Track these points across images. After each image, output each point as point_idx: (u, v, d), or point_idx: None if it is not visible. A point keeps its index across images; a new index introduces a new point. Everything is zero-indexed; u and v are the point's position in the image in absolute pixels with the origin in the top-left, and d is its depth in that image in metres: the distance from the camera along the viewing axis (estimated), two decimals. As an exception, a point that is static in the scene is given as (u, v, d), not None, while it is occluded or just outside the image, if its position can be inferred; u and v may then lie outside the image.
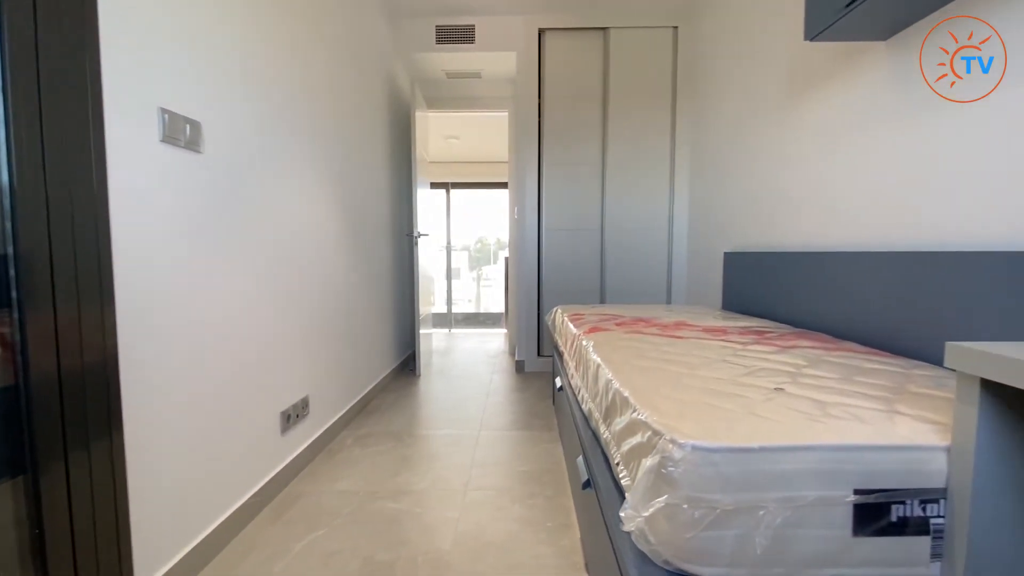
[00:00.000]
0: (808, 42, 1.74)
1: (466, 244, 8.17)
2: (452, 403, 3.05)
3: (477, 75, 4.30)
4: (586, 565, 1.46)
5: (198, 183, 1.45)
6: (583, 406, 1.56)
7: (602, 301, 3.68)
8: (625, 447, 1.01)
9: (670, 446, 0.82)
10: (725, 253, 2.83)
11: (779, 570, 0.79)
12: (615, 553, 1.04)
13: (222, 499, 1.55)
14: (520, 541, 1.58)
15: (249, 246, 1.70)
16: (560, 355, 2.44)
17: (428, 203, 4.37)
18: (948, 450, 0.78)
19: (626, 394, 1.10)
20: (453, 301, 7.18)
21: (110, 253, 1.14)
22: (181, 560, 1.34)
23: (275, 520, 1.69)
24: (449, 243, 7.10)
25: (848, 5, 1.46)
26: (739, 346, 1.59)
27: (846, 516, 0.78)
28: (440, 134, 5.82)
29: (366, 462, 2.15)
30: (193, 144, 1.42)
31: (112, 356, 1.16)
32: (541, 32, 3.66)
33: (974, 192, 1.32)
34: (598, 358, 1.50)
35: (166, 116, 1.30)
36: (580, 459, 1.57)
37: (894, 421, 0.87)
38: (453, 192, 7.17)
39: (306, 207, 2.14)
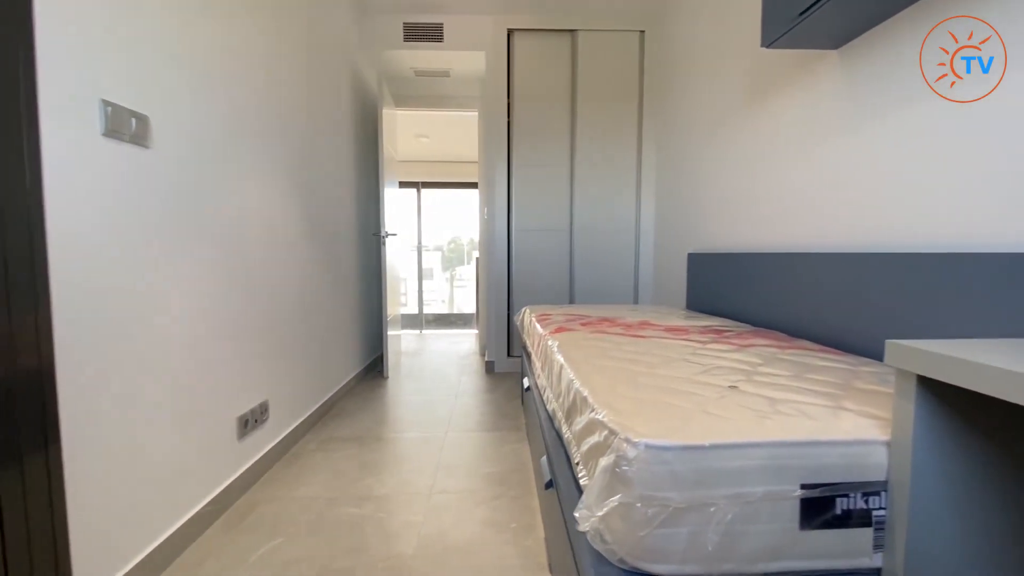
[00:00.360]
0: (766, 49, 1.78)
1: (439, 244, 8.11)
2: (420, 405, 3.02)
3: (446, 74, 4.27)
4: (549, 565, 1.45)
5: (146, 179, 1.39)
6: (548, 406, 1.55)
7: (571, 301, 3.70)
8: (584, 446, 1.01)
9: (624, 445, 0.82)
10: (689, 254, 2.88)
11: (730, 565, 0.80)
12: (573, 553, 1.04)
13: (174, 509, 1.49)
14: (484, 543, 1.57)
15: (203, 245, 1.64)
16: (528, 355, 2.45)
17: (398, 203, 4.32)
18: (888, 444, 0.80)
19: (585, 393, 1.10)
20: (426, 302, 7.12)
21: (45, 254, 1.08)
22: (127, 574, 1.28)
23: (231, 529, 1.64)
24: (420, 243, 7.03)
25: (801, 14, 1.50)
26: (699, 345, 1.62)
27: (793, 510, 0.80)
28: (410, 132, 5.76)
29: (328, 467, 2.11)
30: (140, 139, 1.36)
31: (48, 362, 1.10)
32: (510, 32, 3.66)
33: (918, 195, 1.37)
34: (561, 358, 1.50)
35: (109, 109, 1.24)
36: (544, 459, 1.57)
37: (839, 417, 0.89)
38: (425, 192, 7.10)
39: (266, 205, 2.08)
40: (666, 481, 0.79)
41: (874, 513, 0.81)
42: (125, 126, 1.30)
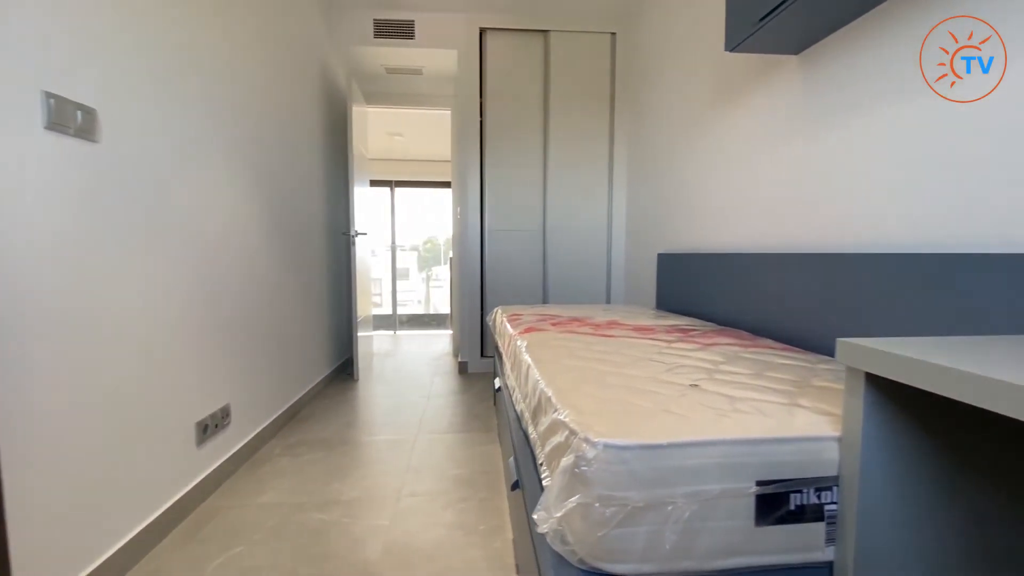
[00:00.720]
0: (731, 53, 1.80)
1: (415, 244, 8.00)
2: (390, 407, 2.98)
3: (418, 72, 4.23)
4: (517, 567, 1.44)
5: (93, 175, 1.33)
6: (516, 407, 1.54)
7: (545, 301, 3.70)
8: (548, 447, 1.01)
9: (584, 445, 0.82)
10: (659, 254, 2.91)
11: (688, 563, 0.80)
12: (536, 554, 1.03)
13: (126, 519, 1.43)
14: (451, 547, 1.55)
15: (157, 244, 1.58)
16: (500, 356, 2.43)
17: (369, 201, 4.26)
18: (839, 440, 0.82)
19: (549, 394, 1.10)
20: (402, 303, 7.04)
21: (-22, 252, 1.02)
22: (73, 589, 1.23)
23: (188, 539, 1.58)
24: (394, 242, 6.95)
25: (761, 19, 1.53)
26: (664, 344, 1.63)
27: (749, 507, 0.80)
28: (383, 130, 5.68)
29: (294, 472, 2.05)
30: (86, 132, 1.30)
31: (-18, 367, 1.04)
32: (482, 31, 3.63)
33: (875, 197, 1.41)
34: (529, 358, 1.49)
35: (52, 101, 1.18)
36: (511, 460, 1.56)
37: (793, 414, 0.91)
38: (400, 191, 7.02)
39: (228, 203, 2.02)
40: (625, 481, 0.79)
41: (826, 508, 0.82)
42: (70, 119, 1.24)
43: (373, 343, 4.61)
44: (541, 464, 1.05)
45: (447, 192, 6.84)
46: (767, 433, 0.83)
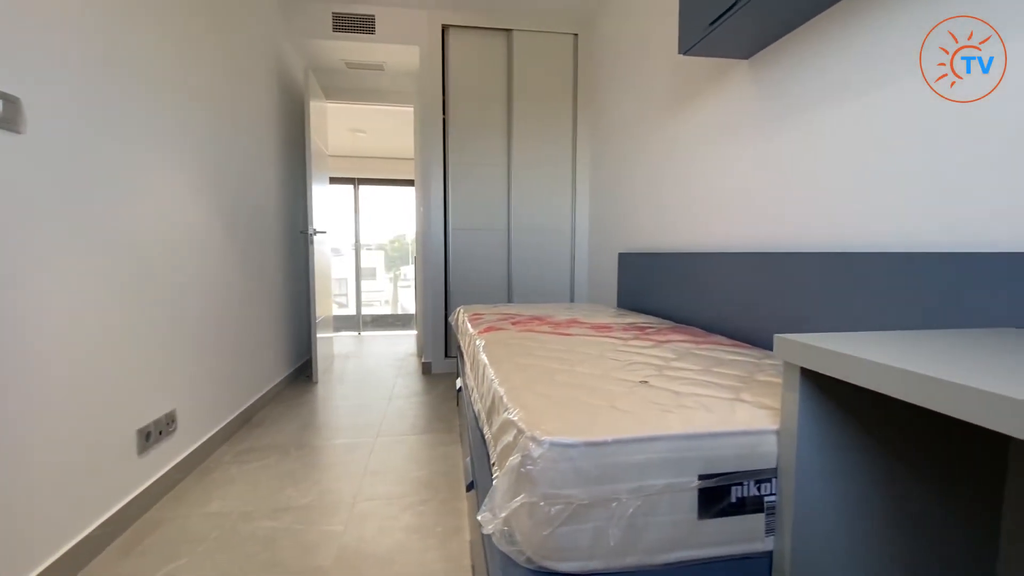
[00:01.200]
0: (686, 56, 1.82)
1: (381, 243, 7.82)
2: (350, 409, 2.91)
3: (380, 67, 4.15)
4: (472, 568, 1.42)
5: (19, 169, 1.24)
6: (474, 407, 1.52)
7: (509, 300, 3.68)
8: (500, 446, 1.00)
9: (530, 444, 0.81)
10: (619, 253, 2.94)
11: (632, 559, 0.80)
12: (485, 554, 1.02)
13: (56, 533, 1.35)
14: (408, 550, 1.51)
15: (95, 242, 1.50)
16: (461, 355, 2.41)
17: (331, 199, 4.16)
18: (777, 433, 0.83)
19: (502, 393, 1.09)
20: (369, 302, 6.92)
21: None
22: (-7, 611, 1.14)
23: (128, 552, 1.50)
24: (358, 241, 6.81)
25: (711, 24, 1.56)
26: (620, 342, 1.64)
27: (692, 501, 0.81)
28: (344, 126, 5.56)
29: (245, 479, 1.98)
30: (9, 123, 1.21)
31: None
32: (445, 28, 3.59)
33: (822, 196, 1.45)
34: (485, 357, 1.48)
35: (-35, 87, 1.09)
36: (468, 460, 1.54)
37: (735, 408, 0.92)
38: (367, 189, 6.88)
39: (174, 200, 1.93)
40: (570, 478, 0.78)
41: (766, 499, 0.83)
42: (-13, 107, 1.15)
43: (334, 344, 4.51)
44: (494, 464, 1.03)
45: (413, 190, 6.75)
46: (709, 428, 0.84)
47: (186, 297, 2.03)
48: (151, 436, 1.76)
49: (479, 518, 0.83)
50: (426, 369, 3.80)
